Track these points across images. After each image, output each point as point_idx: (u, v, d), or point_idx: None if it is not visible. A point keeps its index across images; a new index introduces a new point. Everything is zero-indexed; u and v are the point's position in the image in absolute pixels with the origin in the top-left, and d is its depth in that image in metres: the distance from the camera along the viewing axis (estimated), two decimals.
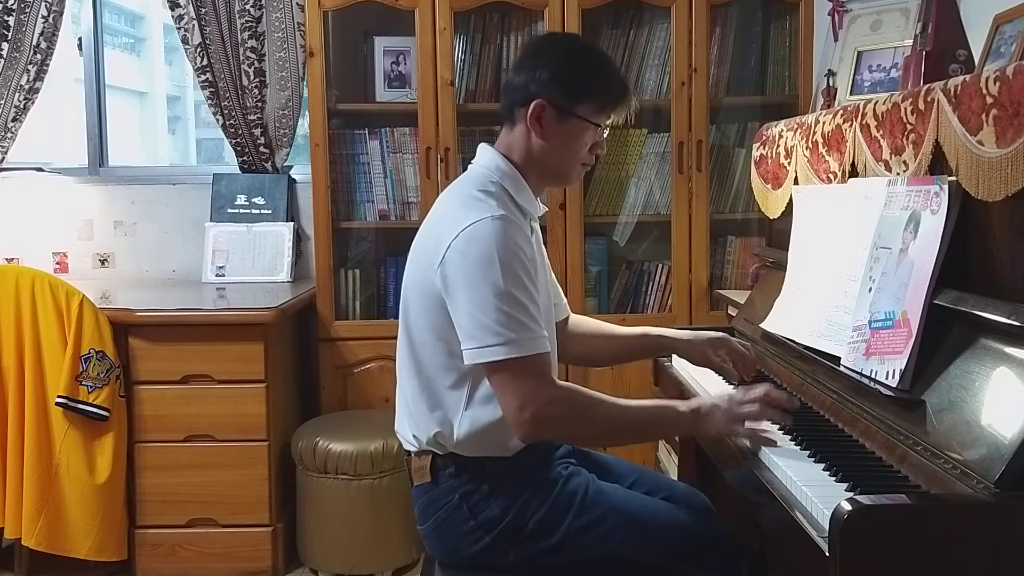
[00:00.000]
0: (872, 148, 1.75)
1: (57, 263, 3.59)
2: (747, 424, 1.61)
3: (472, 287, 1.54)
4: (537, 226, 1.79)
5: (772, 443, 1.57)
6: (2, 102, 3.45)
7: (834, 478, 1.40)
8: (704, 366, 2.00)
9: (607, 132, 1.74)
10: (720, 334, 2.01)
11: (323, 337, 3.15)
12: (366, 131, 3.19)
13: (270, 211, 3.47)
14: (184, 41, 3.41)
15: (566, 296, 2.03)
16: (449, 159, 3.05)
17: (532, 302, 1.56)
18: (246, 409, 2.82)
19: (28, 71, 3.45)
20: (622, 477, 1.85)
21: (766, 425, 1.63)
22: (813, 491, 1.33)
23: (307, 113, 3.22)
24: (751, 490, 1.53)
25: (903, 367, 1.45)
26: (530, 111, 1.66)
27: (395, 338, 1.77)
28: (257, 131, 3.44)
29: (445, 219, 1.63)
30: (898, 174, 1.65)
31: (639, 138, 3.18)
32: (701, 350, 1.97)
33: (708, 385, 2.03)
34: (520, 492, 1.65)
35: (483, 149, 1.75)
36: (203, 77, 3.41)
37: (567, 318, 2.00)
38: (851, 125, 1.84)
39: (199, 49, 3.39)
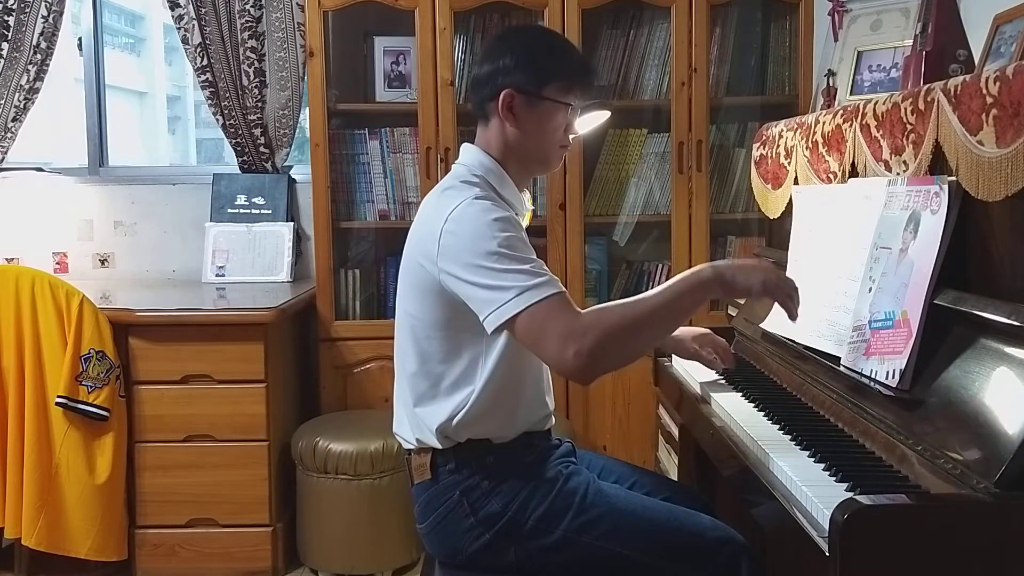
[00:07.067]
0: (872, 148, 1.75)
1: (57, 263, 3.59)
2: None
3: (471, 261, 1.55)
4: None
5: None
6: (2, 102, 3.45)
7: (834, 478, 1.40)
8: (692, 359, 2.07)
9: (580, 112, 1.75)
10: (703, 329, 2.10)
11: (323, 337, 3.15)
12: (366, 131, 3.19)
13: (270, 211, 3.47)
14: (184, 41, 3.41)
15: None
16: (449, 159, 3.05)
17: (532, 258, 1.57)
18: (246, 409, 2.82)
19: (28, 71, 3.45)
20: (622, 478, 1.85)
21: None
22: (813, 491, 1.33)
23: (307, 113, 3.22)
24: (751, 490, 1.53)
25: (903, 367, 1.45)
26: (500, 102, 1.68)
27: (394, 338, 1.77)
28: (257, 131, 3.44)
29: (433, 214, 1.66)
30: (898, 174, 1.65)
31: (639, 138, 3.18)
32: (689, 346, 2.05)
33: (701, 378, 2.08)
34: (520, 489, 1.66)
35: (466, 148, 1.78)
36: (203, 77, 3.41)
37: None
38: (851, 125, 1.84)
39: (199, 49, 3.39)
